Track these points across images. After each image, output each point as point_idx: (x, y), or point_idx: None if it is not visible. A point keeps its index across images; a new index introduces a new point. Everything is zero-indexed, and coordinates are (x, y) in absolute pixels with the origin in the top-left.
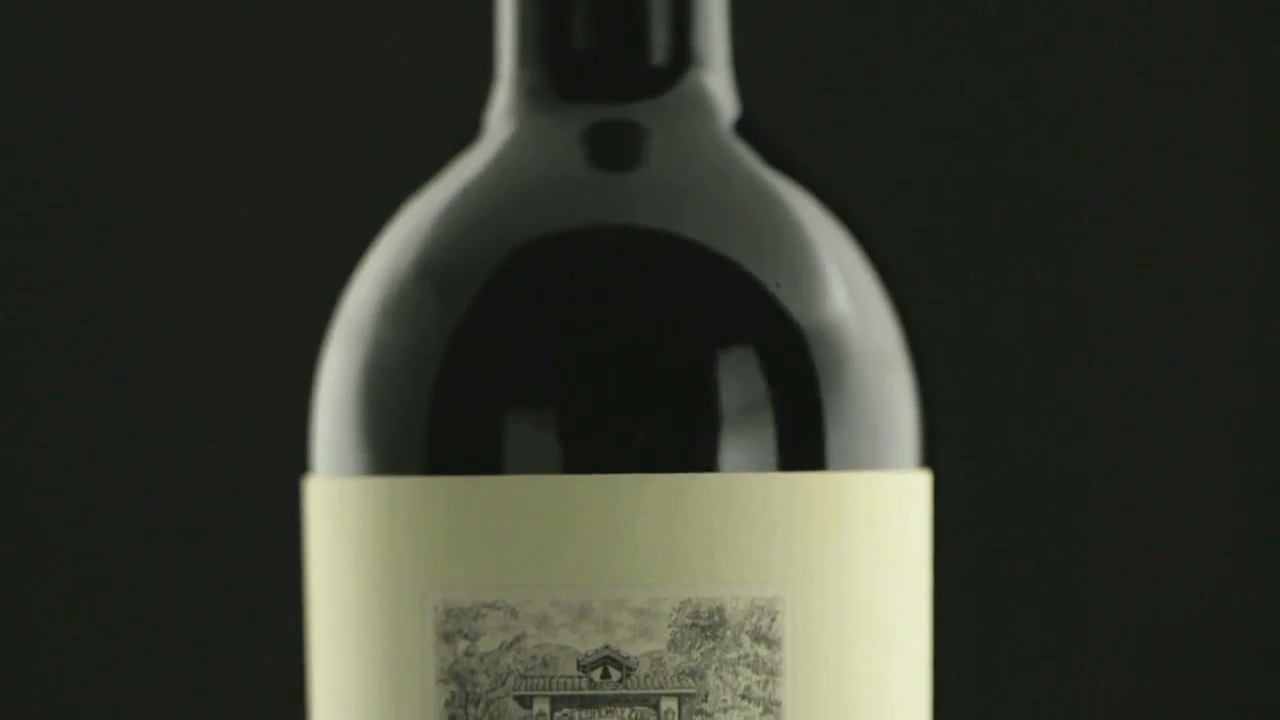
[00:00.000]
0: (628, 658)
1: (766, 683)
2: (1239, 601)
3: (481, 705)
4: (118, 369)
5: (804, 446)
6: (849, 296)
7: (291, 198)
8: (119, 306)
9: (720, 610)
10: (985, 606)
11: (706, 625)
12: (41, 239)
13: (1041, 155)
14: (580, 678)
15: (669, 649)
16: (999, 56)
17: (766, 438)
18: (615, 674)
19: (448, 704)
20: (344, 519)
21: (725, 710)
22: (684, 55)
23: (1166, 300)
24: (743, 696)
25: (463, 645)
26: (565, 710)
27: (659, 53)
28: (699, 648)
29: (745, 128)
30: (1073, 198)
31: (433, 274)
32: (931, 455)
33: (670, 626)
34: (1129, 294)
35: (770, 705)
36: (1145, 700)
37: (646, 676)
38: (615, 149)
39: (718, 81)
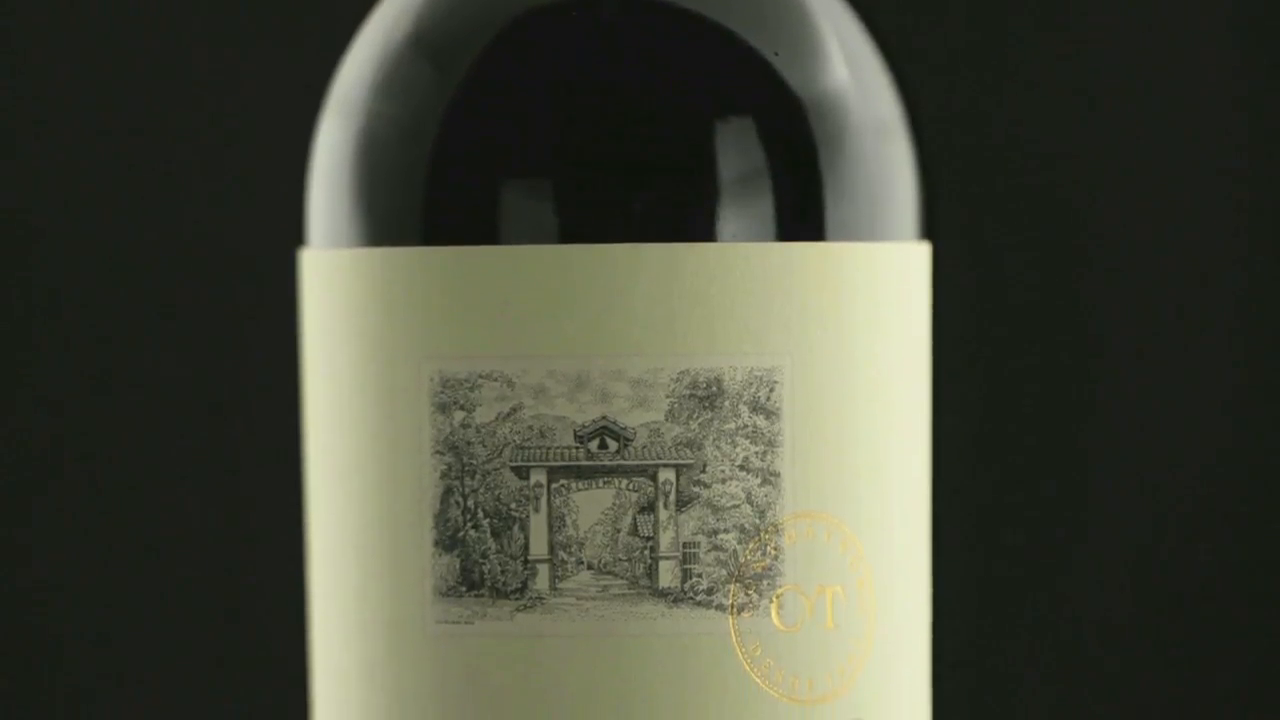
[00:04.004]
0: (625, 428)
1: (765, 453)
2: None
3: (478, 476)
4: (112, 149)
5: (802, 217)
6: (848, 67)
7: None
8: (112, 90)
9: (718, 380)
10: (986, 375)
11: (704, 396)
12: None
13: None
14: (577, 448)
15: (667, 419)
16: None
17: (764, 208)
18: (613, 444)
19: (444, 475)
20: (339, 290)
21: (723, 481)
22: None
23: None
24: (741, 467)
25: (459, 416)
26: (562, 481)
27: None
28: (697, 418)
29: None
30: None
31: (427, 45)
32: (932, 227)
33: (668, 397)
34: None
35: (769, 476)
36: (1146, 467)
37: (644, 447)
38: None
39: None
